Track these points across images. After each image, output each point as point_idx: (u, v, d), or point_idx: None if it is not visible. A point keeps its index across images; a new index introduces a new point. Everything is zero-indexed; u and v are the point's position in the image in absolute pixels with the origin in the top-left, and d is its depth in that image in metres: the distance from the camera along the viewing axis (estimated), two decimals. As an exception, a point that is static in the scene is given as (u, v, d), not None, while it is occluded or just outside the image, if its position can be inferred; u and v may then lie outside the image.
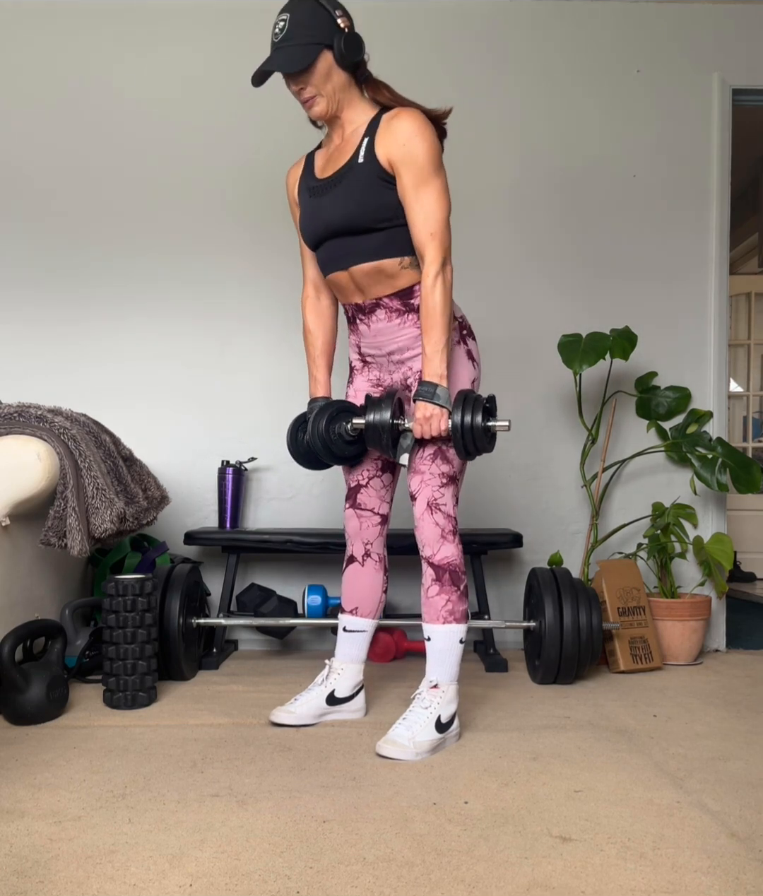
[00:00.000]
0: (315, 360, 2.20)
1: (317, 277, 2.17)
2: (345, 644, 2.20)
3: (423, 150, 1.88)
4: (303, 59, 1.87)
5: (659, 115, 3.26)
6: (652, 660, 2.79)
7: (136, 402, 3.18)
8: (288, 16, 1.89)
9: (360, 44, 1.93)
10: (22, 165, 3.21)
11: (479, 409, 1.90)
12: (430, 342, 1.90)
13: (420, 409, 1.92)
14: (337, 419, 2.03)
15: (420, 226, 1.90)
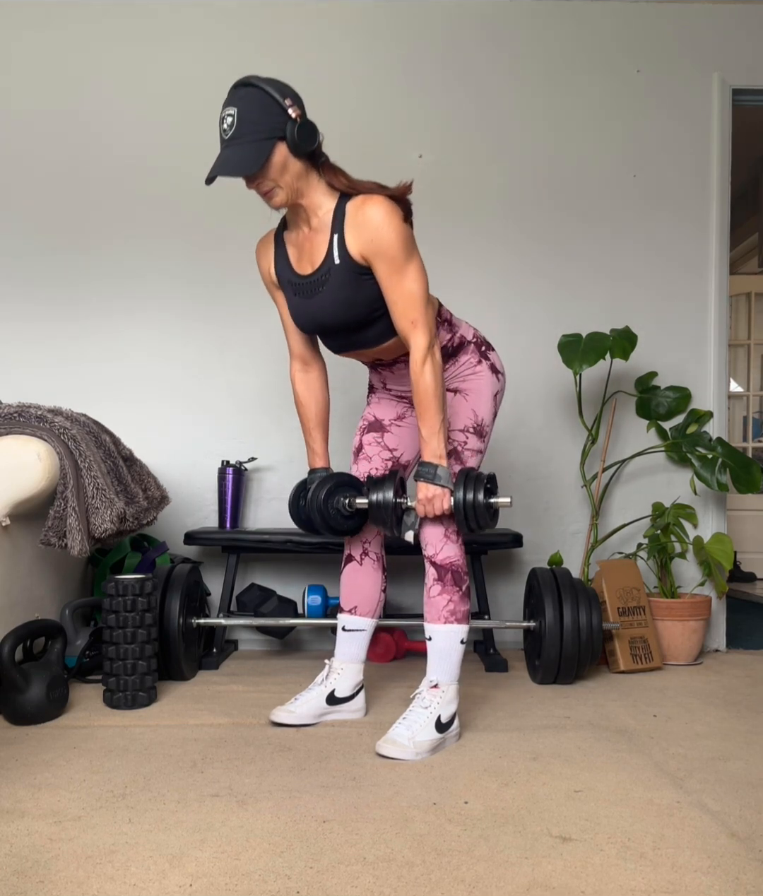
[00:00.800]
0: (310, 433, 2.19)
1: (303, 352, 2.16)
2: (344, 643, 2.20)
3: (392, 238, 1.84)
4: (257, 159, 1.79)
5: (659, 115, 3.26)
6: (652, 660, 2.79)
7: (137, 402, 3.18)
8: (235, 111, 1.80)
9: (313, 132, 1.84)
10: (21, 164, 3.21)
11: (481, 488, 1.92)
12: (426, 425, 1.91)
13: (421, 489, 1.93)
14: (336, 493, 2.06)
15: (400, 313, 1.90)
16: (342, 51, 3.25)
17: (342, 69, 3.24)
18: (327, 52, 3.24)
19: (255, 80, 1.83)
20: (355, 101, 3.25)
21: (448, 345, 2.10)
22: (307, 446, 2.20)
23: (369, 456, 2.23)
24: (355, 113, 3.24)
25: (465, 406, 2.10)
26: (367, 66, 3.24)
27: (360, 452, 2.24)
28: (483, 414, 2.11)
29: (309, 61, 3.24)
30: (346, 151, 3.24)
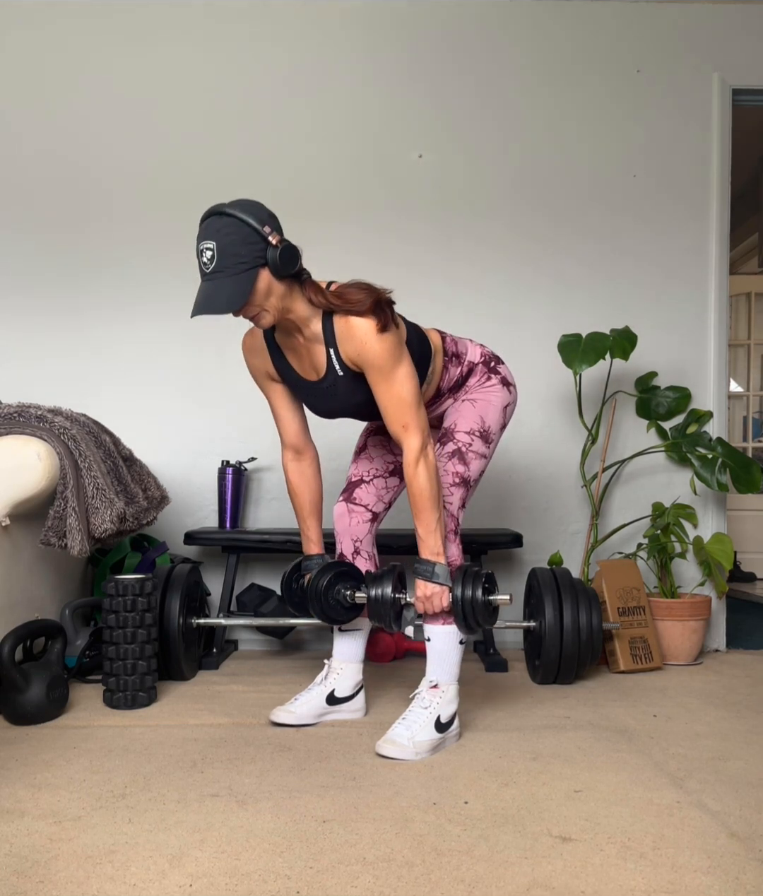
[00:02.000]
0: (305, 521, 2.20)
1: (296, 441, 2.17)
2: (342, 643, 2.20)
3: (377, 352, 1.85)
4: (243, 293, 1.77)
5: (659, 115, 3.26)
6: (652, 660, 2.79)
7: (136, 402, 3.18)
8: (214, 244, 1.76)
9: (294, 255, 1.82)
10: (21, 164, 3.21)
11: (479, 585, 1.92)
12: (422, 525, 1.92)
13: (420, 587, 1.94)
14: (335, 584, 2.08)
15: (392, 418, 1.91)
16: (342, 51, 3.25)
17: (342, 69, 3.24)
18: (327, 51, 3.24)
19: (229, 210, 1.78)
20: (355, 100, 3.25)
21: (459, 377, 2.13)
22: (302, 534, 2.22)
23: (372, 457, 2.23)
24: (355, 113, 3.24)
25: (473, 411, 2.10)
26: (366, 66, 3.24)
27: (362, 452, 2.25)
28: (490, 422, 2.11)
29: (309, 61, 3.24)
30: (346, 151, 3.27)
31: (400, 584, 2.02)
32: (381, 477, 2.22)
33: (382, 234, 3.23)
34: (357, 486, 2.21)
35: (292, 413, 2.15)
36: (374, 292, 1.86)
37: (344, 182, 3.23)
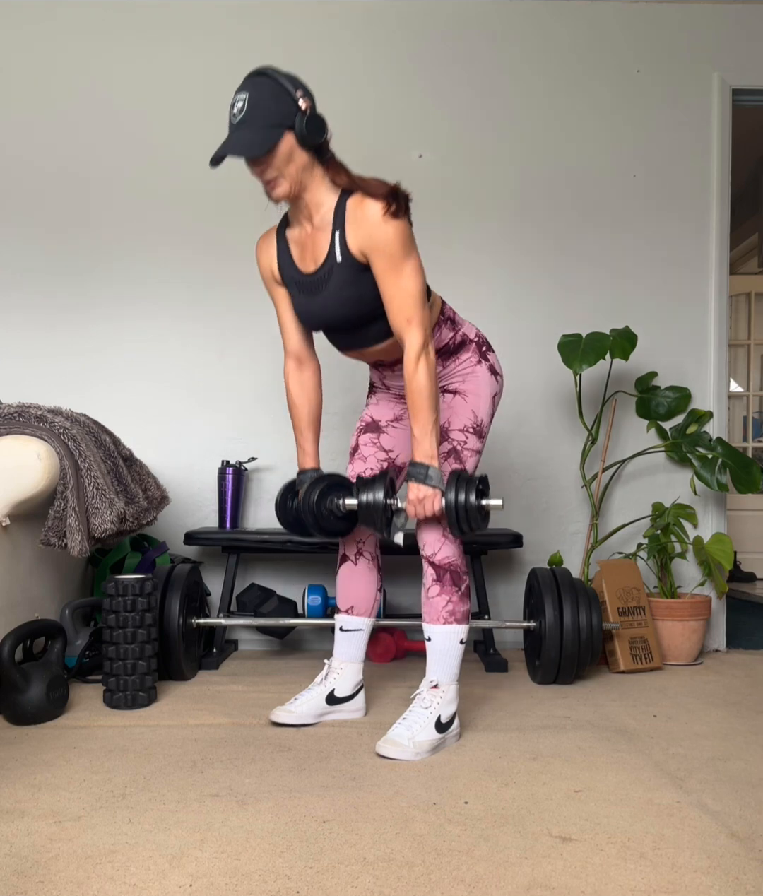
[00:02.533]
0: (302, 432, 2.18)
1: (299, 351, 2.16)
2: (342, 644, 2.20)
3: (390, 235, 1.84)
4: (264, 143, 1.81)
5: (659, 115, 3.27)
6: (652, 660, 2.79)
7: (137, 402, 3.18)
8: (246, 95, 1.83)
9: (322, 125, 1.87)
10: (22, 165, 3.21)
11: (472, 489, 1.90)
12: (419, 425, 1.90)
13: (412, 490, 1.92)
14: (328, 494, 2.05)
15: (396, 311, 1.89)
16: (342, 50, 3.25)
17: (342, 69, 3.24)
18: (327, 51, 3.24)
19: (270, 71, 1.86)
20: (356, 100, 3.24)
21: (450, 343, 2.10)
22: (298, 446, 2.19)
23: (365, 456, 2.22)
24: (356, 112, 3.24)
25: (465, 406, 2.10)
26: (367, 65, 3.24)
27: (356, 452, 2.24)
28: (482, 415, 2.10)
29: (309, 61, 3.23)
30: (346, 151, 3.25)
31: (391, 490, 1.98)
32: None
33: (382, 234, 3.22)
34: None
35: (297, 321, 2.13)
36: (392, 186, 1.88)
37: (344, 182, 3.23)
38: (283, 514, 2.17)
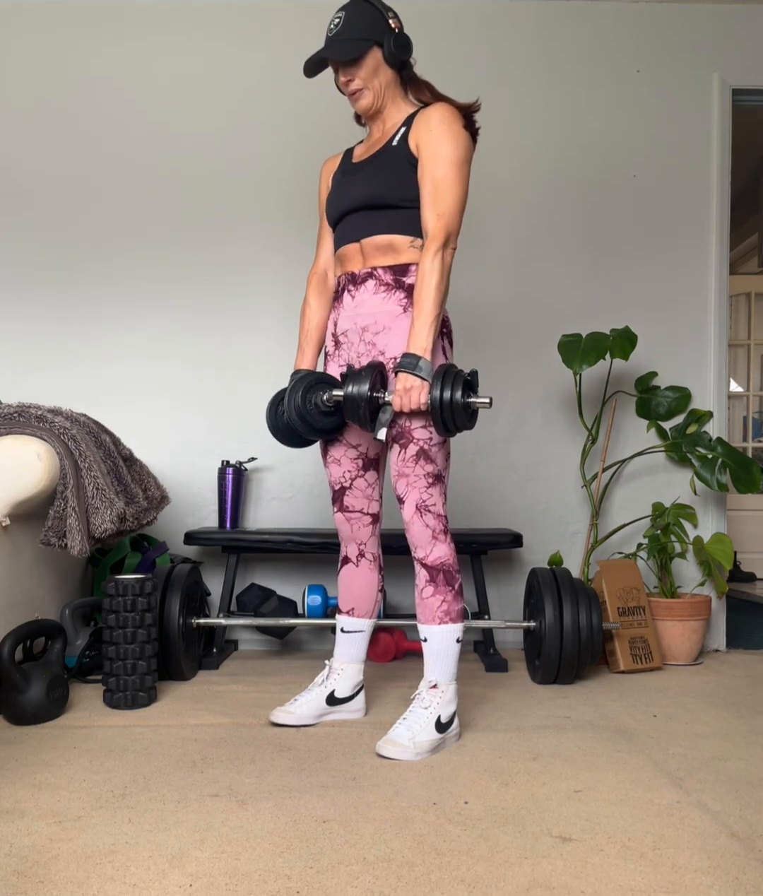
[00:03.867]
0: (307, 334, 2.20)
1: (329, 258, 2.20)
2: (343, 644, 2.20)
3: (449, 138, 1.93)
4: (354, 51, 1.96)
5: (659, 115, 3.27)
6: (652, 660, 2.79)
7: (137, 402, 3.18)
8: (343, 14, 1.99)
9: (408, 44, 2.00)
10: (22, 165, 3.21)
11: (460, 384, 1.85)
12: (421, 315, 1.89)
13: (400, 380, 1.88)
14: (314, 389, 2.00)
15: (429, 205, 1.93)
16: (342, 51, 3.24)
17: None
18: (327, 52, 3.23)
19: None
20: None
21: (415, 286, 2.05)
22: (299, 347, 2.20)
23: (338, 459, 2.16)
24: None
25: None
26: (367, 66, 3.24)
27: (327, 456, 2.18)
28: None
29: (309, 61, 3.23)
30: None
31: (378, 384, 1.93)
32: (359, 477, 2.15)
33: (382, 234, 3.22)
34: (343, 495, 2.15)
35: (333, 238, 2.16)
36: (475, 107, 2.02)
37: (344, 182, 3.23)
38: (274, 421, 2.13)
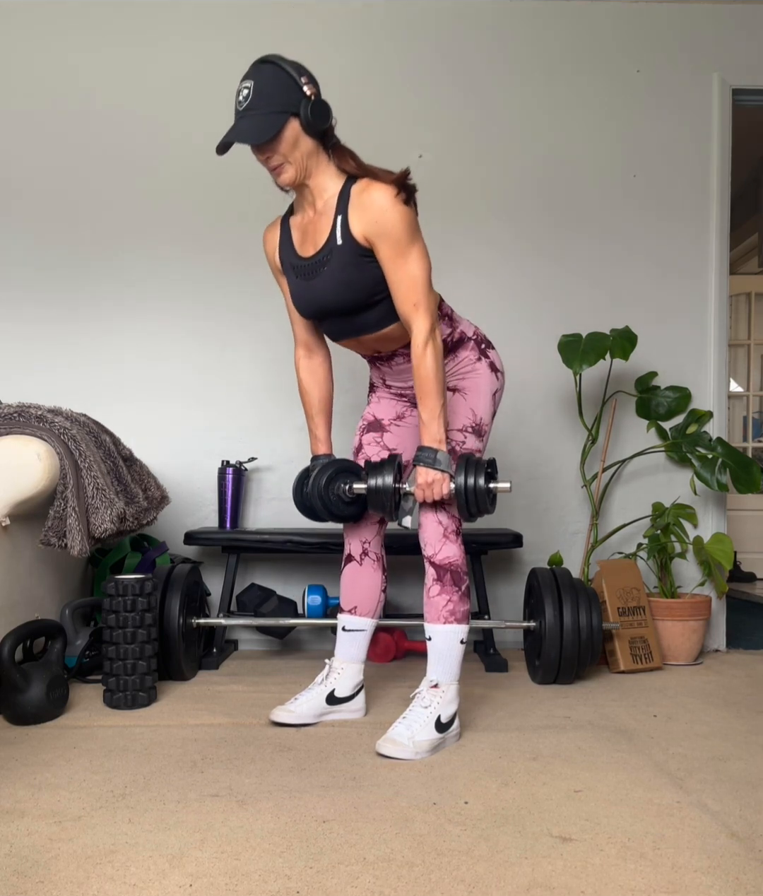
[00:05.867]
0: (313, 419, 2.20)
1: (307, 339, 2.17)
2: (344, 644, 2.20)
3: (396, 220, 1.85)
4: (269, 129, 1.83)
5: (659, 115, 3.26)
6: (652, 660, 2.79)
7: (137, 402, 3.18)
8: (252, 83, 1.84)
9: (326, 111, 1.88)
10: (22, 164, 3.21)
11: (481, 472, 1.91)
12: (426, 409, 1.91)
13: (421, 474, 1.93)
14: (336, 479, 2.06)
15: (403, 297, 1.90)
16: (342, 50, 3.25)
17: (342, 69, 3.24)
18: (327, 51, 3.24)
19: (275, 58, 1.87)
20: (355, 100, 3.24)
21: (448, 339, 2.09)
22: (310, 433, 2.21)
23: (369, 455, 2.23)
24: (355, 112, 3.22)
25: (464, 405, 2.09)
26: (367, 66, 3.24)
27: (359, 452, 2.25)
28: (481, 413, 2.10)
29: (309, 61, 3.22)
30: (346, 151, 3.26)
31: (399, 475, 1.99)
32: None
33: (382, 234, 3.22)
34: None
35: None
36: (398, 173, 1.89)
37: (344, 182, 3.23)
38: (301, 500, 2.17)
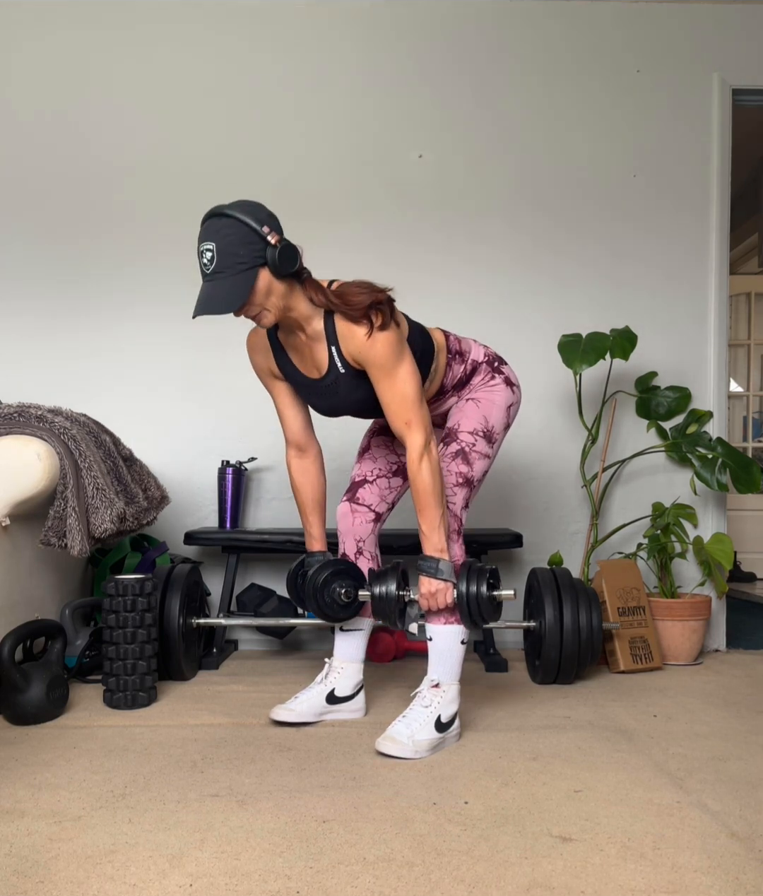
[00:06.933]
0: (308, 518, 2.21)
1: (299, 439, 2.18)
2: (343, 643, 2.20)
3: (378, 352, 1.87)
4: (242, 293, 1.79)
5: (659, 115, 3.26)
6: (652, 660, 2.79)
7: (136, 402, 3.18)
8: (214, 245, 1.79)
9: (293, 254, 1.84)
10: (21, 163, 3.21)
11: (484, 581, 1.92)
12: (426, 521, 1.92)
13: (424, 584, 1.94)
14: (332, 582, 2.09)
15: (394, 415, 1.92)
16: (343, 51, 3.25)
17: (343, 69, 3.24)
18: (328, 52, 3.24)
19: (228, 210, 1.81)
20: (356, 100, 3.24)
21: (463, 375, 2.13)
22: (305, 531, 2.23)
23: (376, 457, 2.24)
24: (356, 113, 3.24)
25: (477, 411, 2.11)
26: (367, 66, 3.24)
27: (366, 452, 2.26)
28: (494, 421, 2.11)
29: (309, 61, 3.24)
30: (346, 151, 3.27)
31: (403, 582, 2.03)
32: (385, 477, 2.23)
33: (382, 235, 3.23)
34: (360, 487, 2.21)
35: (295, 410, 2.16)
36: (373, 293, 1.86)
37: (344, 182, 3.23)
38: (295, 591, 2.23)
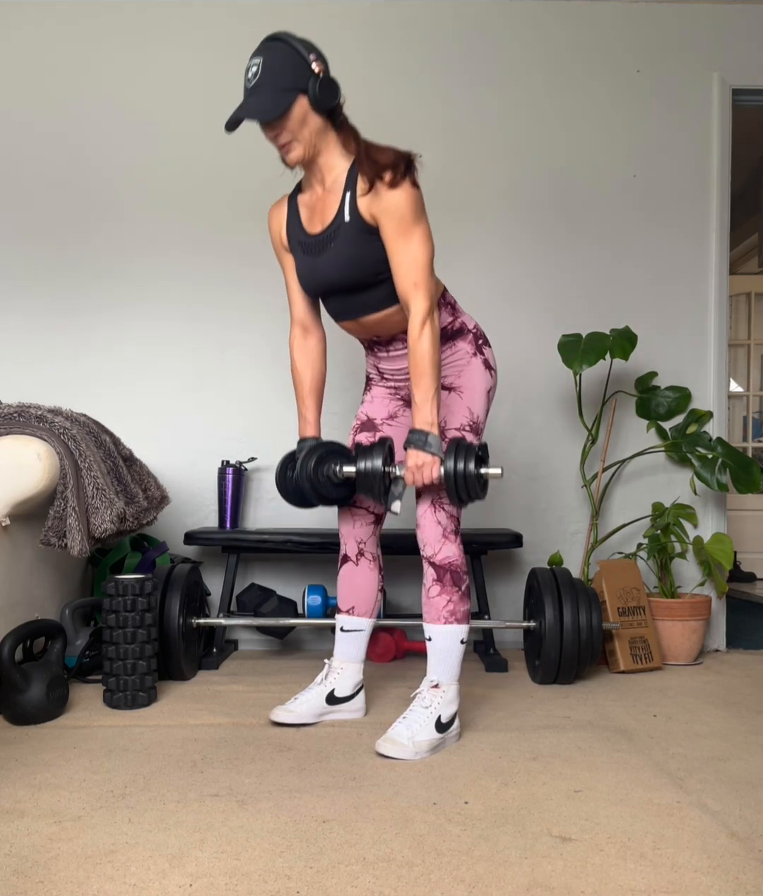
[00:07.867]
0: (304, 400, 2.18)
1: (304, 318, 2.16)
2: (343, 644, 2.20)
3: (402, 198, 1.86)
4: (277, 106, 1.84)
5: (659, 115, 3.26)
6: (652, 660, 2.79)
7: (137, 402, 3.18)
8: (260, 60, 1.85)
9: (335, 88, 1.89)
10: (22, 163, 3.21)
11: (472, 457, 1.89)
12: (420, 391, 1.90)
13: (411, 457, 1.91)
14: (325, 461, 2.04)
15: (403, 276, 1.90)
16: (343, 51, 3.23)
17: (343, 69, 3.22)
18: (328, 52, 3.22)
19: (285, 36, 1.88)
20: (356, 100, 3.22)
21: (448, 327, 2.09)
22: (299, 413, 2.19)
23: None
24: (356, 112, 3.22)
25: (461, 404, 2.09)
26: (367, 65, 3.24)
27: None
28: (478, 411, 2.10)
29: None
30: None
31: (390, 458, 1.98)
32: None
33: (382, 234, 3.22)
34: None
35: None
36: (401, 153, 1.89)
37: (344, 182, 3.23)
38: (283, 485, 2.16)
